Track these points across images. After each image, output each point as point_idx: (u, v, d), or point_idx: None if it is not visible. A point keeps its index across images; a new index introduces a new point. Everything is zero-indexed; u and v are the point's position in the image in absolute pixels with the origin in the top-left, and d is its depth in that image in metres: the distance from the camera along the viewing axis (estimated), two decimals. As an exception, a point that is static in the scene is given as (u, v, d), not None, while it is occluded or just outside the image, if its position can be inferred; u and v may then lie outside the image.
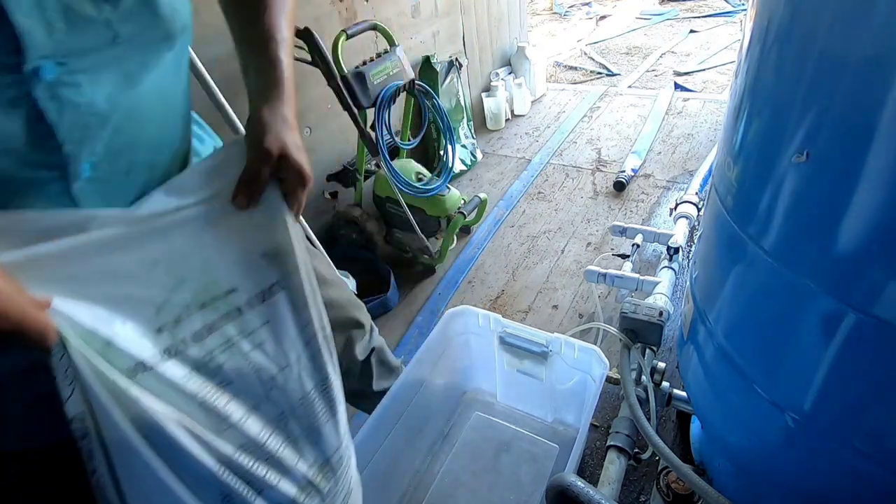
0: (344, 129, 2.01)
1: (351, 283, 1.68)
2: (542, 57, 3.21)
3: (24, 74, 0.41)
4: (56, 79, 0.43)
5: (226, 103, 1.25)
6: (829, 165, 0.56)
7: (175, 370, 0.50)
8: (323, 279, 0.87)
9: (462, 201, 1.90)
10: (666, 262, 1.54)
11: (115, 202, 0.51)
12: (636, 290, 1.49)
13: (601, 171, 2.48)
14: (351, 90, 1.56)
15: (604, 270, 1.55)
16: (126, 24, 0.46)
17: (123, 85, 0.48)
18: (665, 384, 1.19)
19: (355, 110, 1.59)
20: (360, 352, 1.04)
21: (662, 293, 1.36)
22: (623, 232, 1.80)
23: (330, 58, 1.51)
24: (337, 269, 1.55)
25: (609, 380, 1.16)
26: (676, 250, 1.55)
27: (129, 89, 0.49)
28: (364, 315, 1.05)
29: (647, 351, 1.21)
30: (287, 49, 0.63)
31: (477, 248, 2.08)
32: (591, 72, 3.77)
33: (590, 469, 1.26)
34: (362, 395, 1.15)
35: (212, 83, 1.22)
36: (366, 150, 1.76)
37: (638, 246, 1.71)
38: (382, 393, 1.10)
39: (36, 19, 0.40)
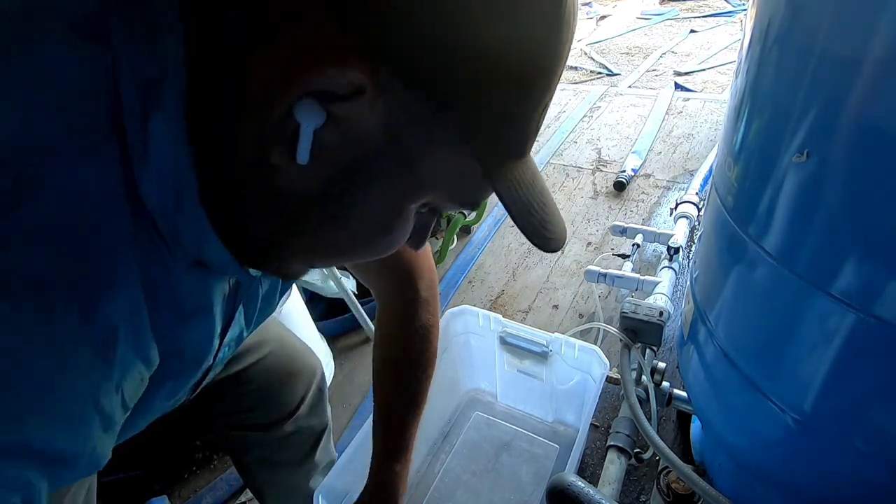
0: (344, 129, 2.00)
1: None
2: (542, 57, 3.21)
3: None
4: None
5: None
6: (829, 165, 0.56)
7: None
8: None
9: (462, 201, 1.89)
10: (666, 262, 1.54)
11: None
12: (636, 290, 1.49)
13: (601, 170, 2.48)
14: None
15: (604, 270, 1.54)
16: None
17: None
18: (665, 384, 1.19)
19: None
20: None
21: (662, 293, 1.36)
22: (623, 232, 1.80)
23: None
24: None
25: (609, 380, 1.15)
26: (677, 250, 1.55)
27: None
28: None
29: (648, 351, 1.21)
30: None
31: (477, 248, 2.08)
32: (591, 71, 3.77)
33: (590, 469, 1.26)
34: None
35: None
36: (366, 150, 1.76)
37: (638, 246, 1.71)
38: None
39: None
